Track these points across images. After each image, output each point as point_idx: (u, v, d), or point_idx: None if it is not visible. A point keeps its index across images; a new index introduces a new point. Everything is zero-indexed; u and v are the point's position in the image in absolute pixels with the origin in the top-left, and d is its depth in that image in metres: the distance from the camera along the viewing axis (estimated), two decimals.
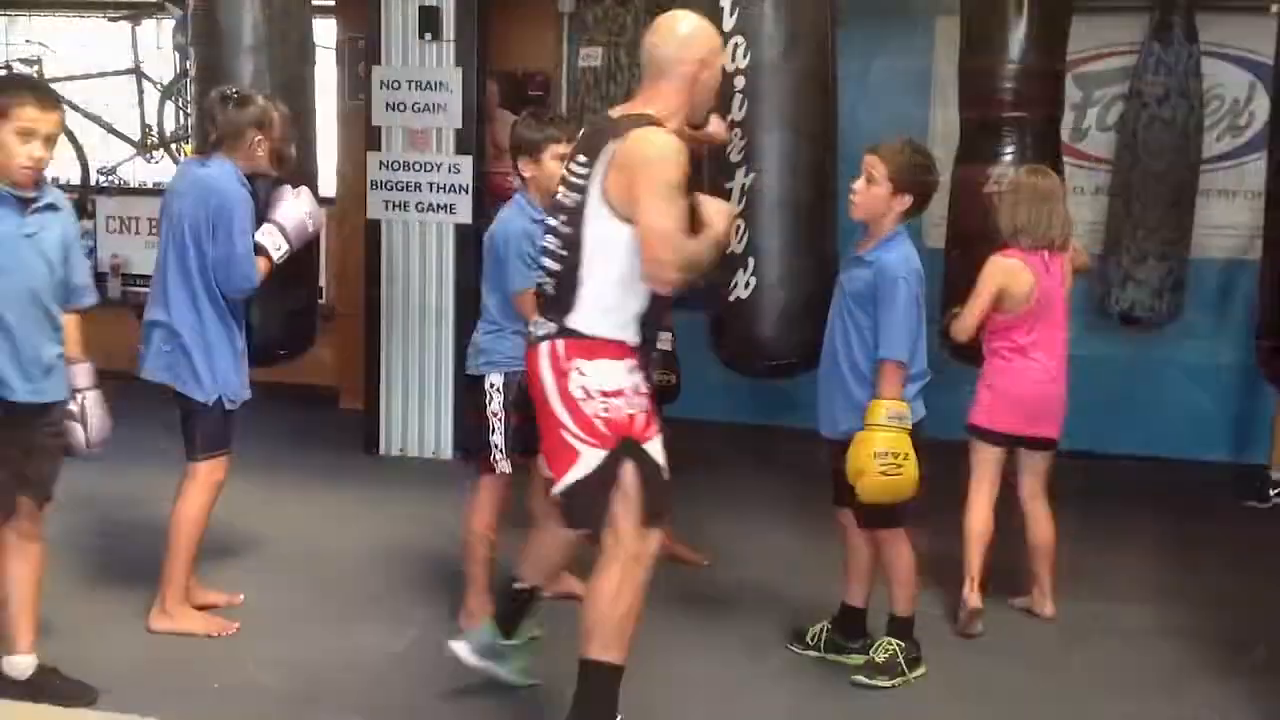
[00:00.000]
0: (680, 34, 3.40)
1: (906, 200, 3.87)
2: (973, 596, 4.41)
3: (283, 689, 3.93)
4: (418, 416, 6.66)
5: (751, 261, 4.42)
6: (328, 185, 7.10)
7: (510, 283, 4.12)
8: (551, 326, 3.35)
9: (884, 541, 4.07)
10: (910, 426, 3.80)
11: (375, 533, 5.45)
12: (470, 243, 6.54)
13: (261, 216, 4.21)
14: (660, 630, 3.98)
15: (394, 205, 6.57)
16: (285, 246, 4.27)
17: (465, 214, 6.51)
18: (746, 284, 4.37)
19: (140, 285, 7.22)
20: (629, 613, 3.33)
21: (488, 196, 6.88)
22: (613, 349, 3.32)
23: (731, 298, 4.52)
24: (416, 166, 6.53)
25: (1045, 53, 5.13)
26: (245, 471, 6.23)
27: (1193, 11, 6.37)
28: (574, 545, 3.72)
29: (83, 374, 3.72)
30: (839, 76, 4.78)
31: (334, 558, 5.13)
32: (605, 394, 3.29)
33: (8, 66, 8.15)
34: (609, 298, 3.30)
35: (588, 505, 3.34)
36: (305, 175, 4.76)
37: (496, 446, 4.20)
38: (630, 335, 3.33)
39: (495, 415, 4.18)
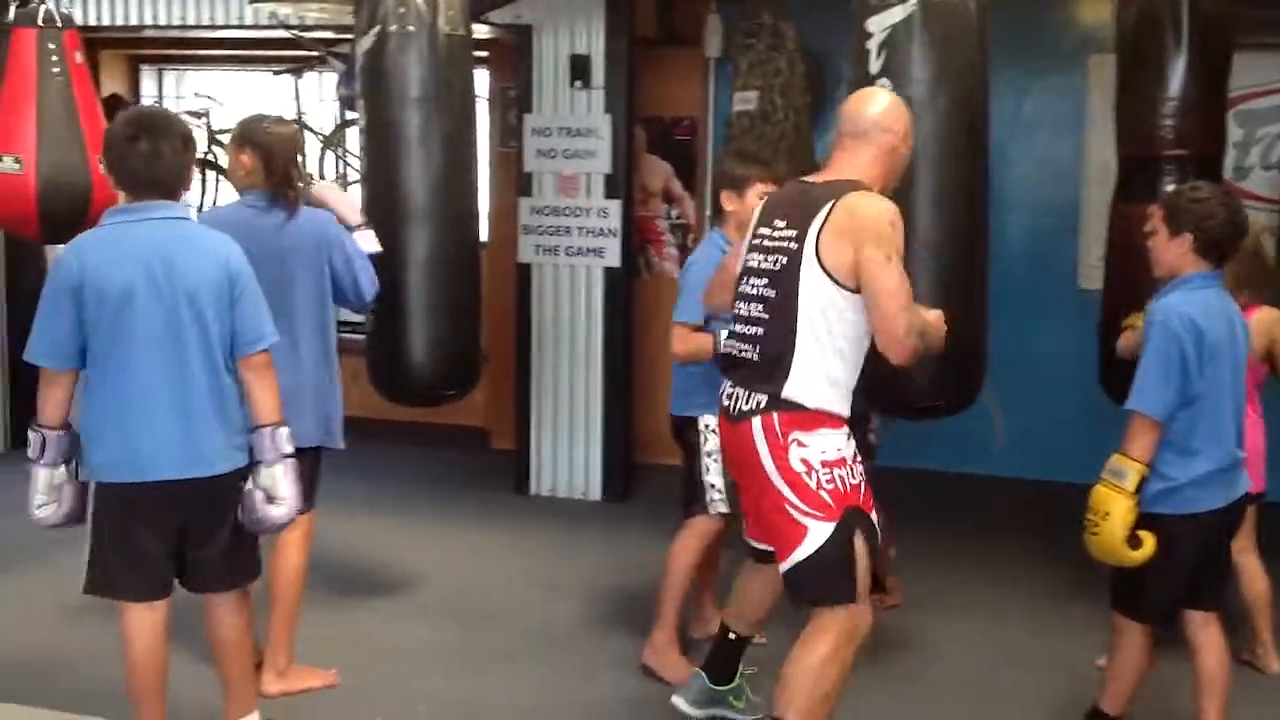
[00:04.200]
0: (884, 104, 3.42)
1: (1186, 241, 3.54)
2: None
3: None
4: (567, 457, 6.73)
5: None
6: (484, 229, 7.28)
7: (676, 310, 4.15)
8: (761, 398, 3.28)
9: (1114, 628, 3.68)
10: (1126, 487, 3.36)
11: (528, 571, 5.52)
12: (619, 286, 6.64)
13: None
14: None
15: (544, 249, 6.69)
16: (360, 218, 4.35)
17: (614, 257, 6.60)
18: None
19: None
20: (833, 689, 3.26)
21: (636, 240, 6.99)
22: (831, 420, 3.26)
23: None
24: (566, 211, 6.64)
25: (1206, 89, 4.99)
26: (399, 510, 6.40)
27: None
28: (778, 594, 3.66)
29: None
30: (989, 116, 4.74)
31: (489, 596, 5.21)
32: (827, 464, 3.23)
33: None
34: (830, 367, 3.23)
35: (821, 581, 3.24)
36: (466, 219, 4.89)
37: (713, 486, 4.23)
38: (846, 406, 3.29)
39: (710, 455, 4.21)
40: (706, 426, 4.22)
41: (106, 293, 3.24)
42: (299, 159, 4.20)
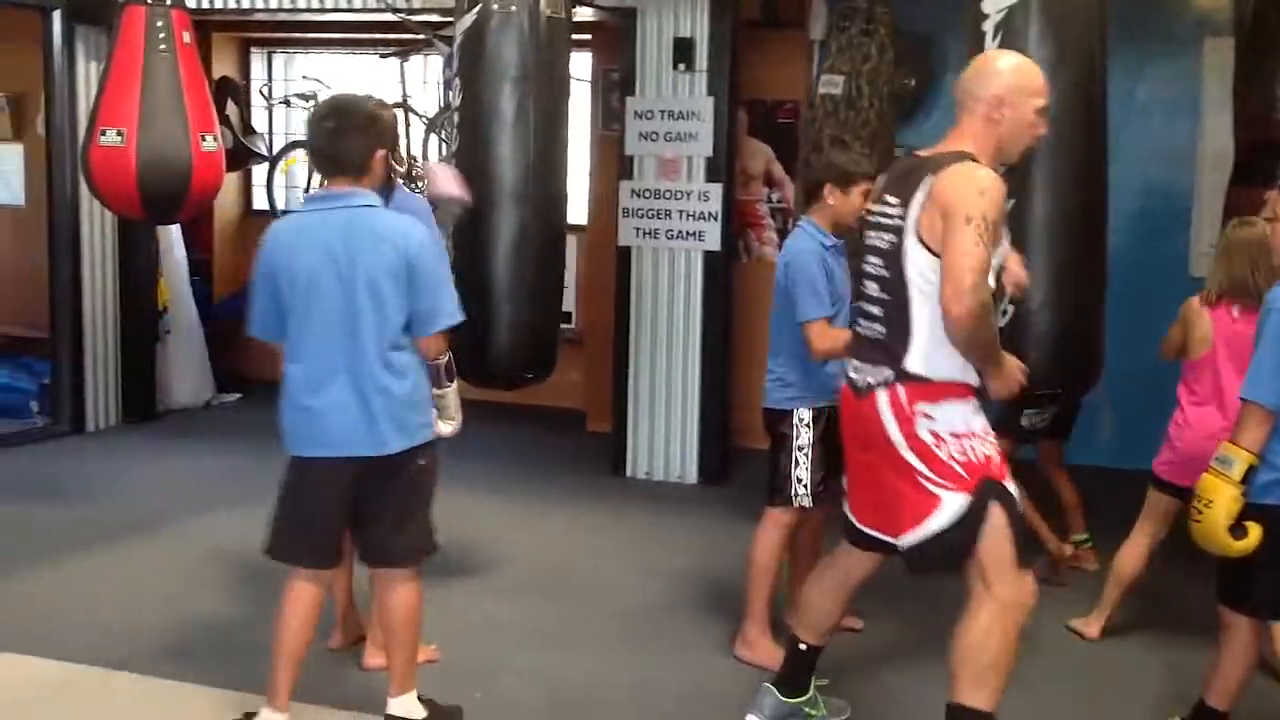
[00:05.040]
0: (984, 70, 3.33)
1: None
2: (1087, 625, 4.53)
3: (544, 701, 4.05)
4: (664, 440, 6.74)
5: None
6: (579, 213, 7.30)
7: (797, 311, 4.10)
8: (886, 373, 3.27)
9: (1222, 623, 3.59)
10: (1232, 476, 3.27)
11: (622, 553, 5.54)
12: (719, 269, 6.62)
13: None
14: None
15: (644, 233, 6.69)
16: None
17: (714, 241, 6.58)
18: (1004, 311, 4.26)
19: None
20: (997, 661, 3.21)
21: (736, 224, 6.96)
22: (957, 390, 3.24)
23: None
24: (667, 194, 6.63)
25: None
26: (496, 491, 6.47)
27: None
28: (849, 597, 3.68)
29: None
30: (1107, 99, 4.64)
31: (582, 577, 5.24)
32: (956, 435, 3.21)
33: (286, 101, 8.68)
34: (943, 338, 3.20)
35: (950, 550, 3.23)
36: (556, 199, 4.89)
37: (800, 481, 4.21)
38: (972, 374, 3.25)
39: (801, 450, 4.19)
40: (800, 420, 4.19)
41: (295, 277, 3.43)
42: (398, 142, 4.25)
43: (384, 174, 3.69)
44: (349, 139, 3.47)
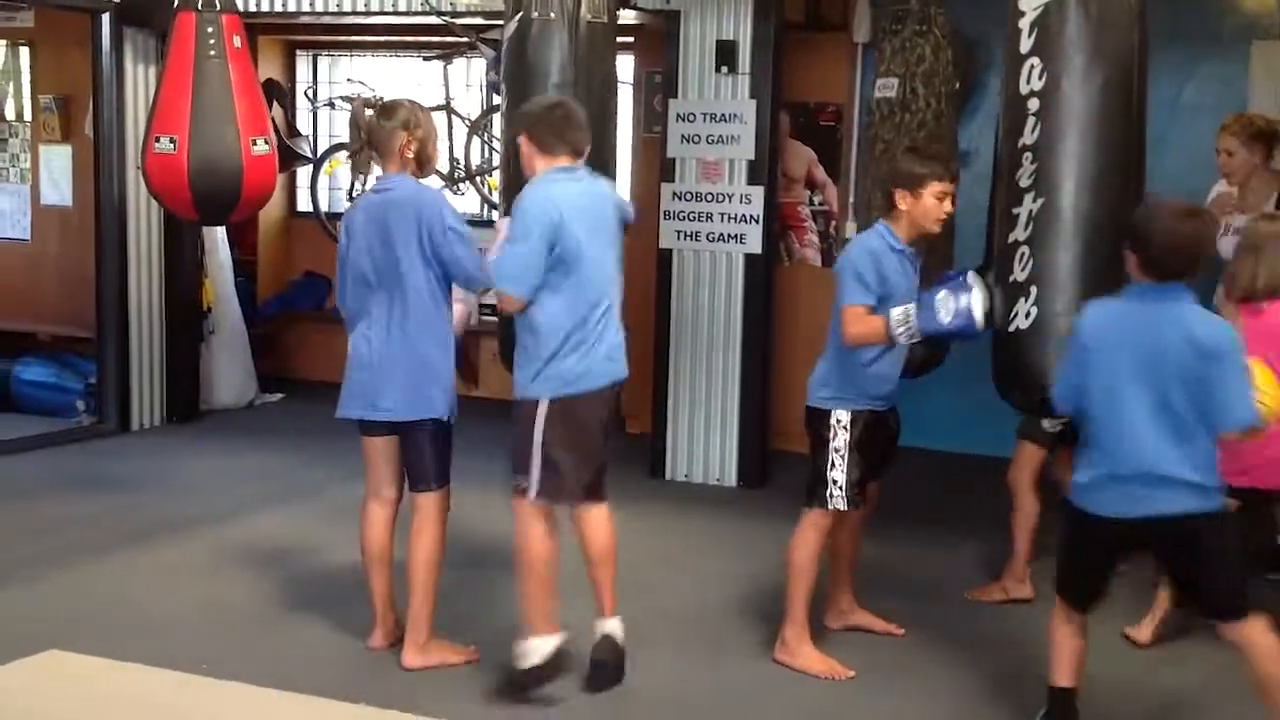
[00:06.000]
0: None
1: None
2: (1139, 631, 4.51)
3: (583, 702, 4.07)
4: (703, 443, 6.74)
5: (1034, 290, 4.26)
6: None
7: (844, 293, 4.10)
8: None
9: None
10: None
11: (661, 555, 5.54)
12: (760, 272, 6.61)
13: None
14: None
15: (686, 235, 6.69)
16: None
17: (755, 244, 6.57)
18: (1027, 314, 4.22)
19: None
20: None
21: (778, 227, 6.94)
22: None
23: (1011, 328, 4.37)
24: (709, 197, 6.63)
25: None
26: None
27: None
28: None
29: None
30: (1147, 102, 4.59)
31: (621, 578, 5.19)
32: None
33: (331, 103, 8.74)
34: None
35: None
36: None
37: (835, 482, 4.20)
38: None
39: (838, 451, 4.19)
40: (838, 421, 4.17)
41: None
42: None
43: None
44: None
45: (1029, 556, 4.93)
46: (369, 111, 4.26)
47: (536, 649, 3.99)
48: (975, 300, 3.97)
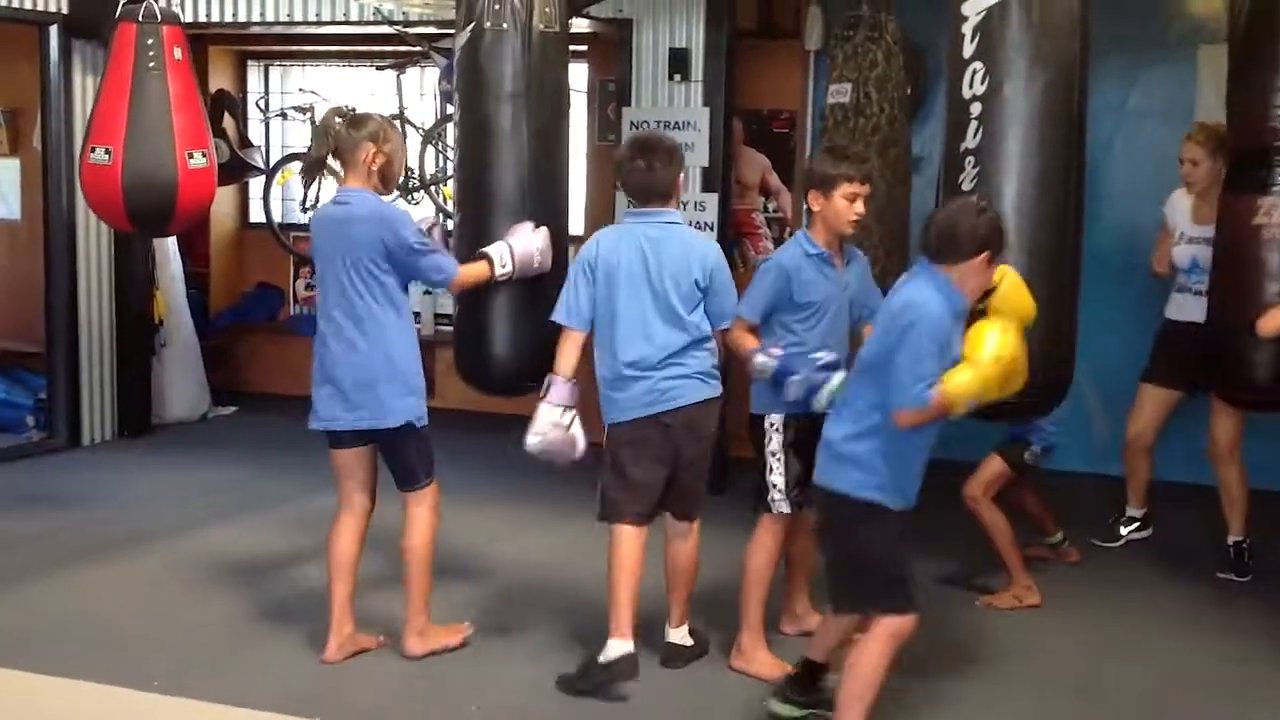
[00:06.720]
0: None
1: None
2: None
3: (540, 712, 4.06)
4: None
5: None
6: (576, 223, 7.29)
7: (740, 303, 4.20)
8: None
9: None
10: None
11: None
12: None
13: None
14: None
15: None
16: (509, 267, 4.44)
17: None
18: None
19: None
20: None
21: (732, 233, 6.96)
22: None
23: None
24: None
25: None
26: (485, 499, 6.46)
27: None
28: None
29: None
30: (1092, 107, 4.63)
31: (579, 587, 5.21)
32: None
33: (283, 114, 8.69)
34: None
35: None
36: (554, 213, 4.89)
37: (775, 486, 4.22)
38: None
39: (774, 455, 4.20)
40: (771, 425, 4.19)
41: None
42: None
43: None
44: (658, 174, 4.13)
45: (1022, 566, 5.01)
46: (338, 120, 4.25)
47: (611, 649, 4.13)
48: (820, 397, 3.96)
